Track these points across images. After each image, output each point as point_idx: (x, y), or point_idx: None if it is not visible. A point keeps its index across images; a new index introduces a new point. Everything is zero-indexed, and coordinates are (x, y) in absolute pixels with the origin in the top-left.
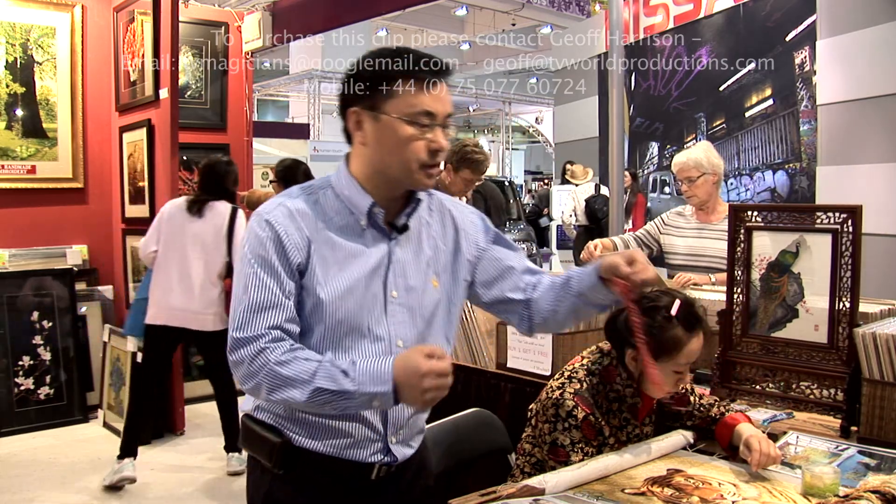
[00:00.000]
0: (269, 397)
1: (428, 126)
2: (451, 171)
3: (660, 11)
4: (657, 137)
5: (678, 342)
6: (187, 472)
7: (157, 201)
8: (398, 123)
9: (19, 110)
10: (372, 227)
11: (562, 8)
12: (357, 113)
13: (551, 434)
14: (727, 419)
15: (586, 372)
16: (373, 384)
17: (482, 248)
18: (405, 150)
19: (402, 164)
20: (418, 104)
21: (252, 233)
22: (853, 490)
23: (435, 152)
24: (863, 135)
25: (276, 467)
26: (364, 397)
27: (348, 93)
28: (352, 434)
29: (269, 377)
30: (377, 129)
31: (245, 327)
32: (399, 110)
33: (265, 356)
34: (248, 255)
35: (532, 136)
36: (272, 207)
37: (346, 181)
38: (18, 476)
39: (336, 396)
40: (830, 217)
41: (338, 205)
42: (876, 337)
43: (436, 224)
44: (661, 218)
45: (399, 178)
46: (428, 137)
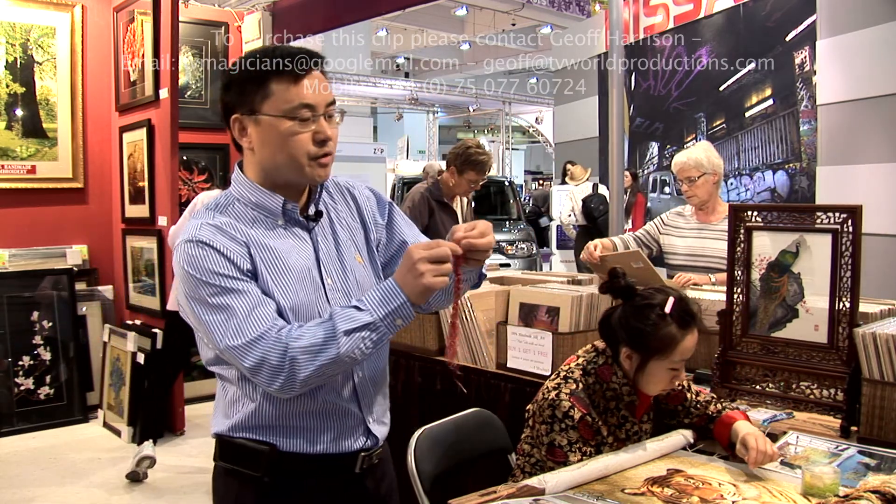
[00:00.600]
0: (303, 375)
1: (310, 118)
2: (455, 172)
3: (660, 11)
4: (657, 137)
5: (672, 339)
6: (187, 472)
7: (157, 201)
8: (277, 121)
9: (19, 110)
10: (290, 223)
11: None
12: (239, 120)
13: (549, 435)
14: (724, 417)
15: (582, 371)
16: (386, 304)
17: (381, 225)
18: (290, 146)
19: (291, 161)
20: (293, 98)
21: (190, 258)
22: (853, 490)
23: (322, 142)
24: (863, 135)
25: (265, 475)
26: (387, 320)
27: (227, 101)
28: (334, 427)
29: (298, 356)
30: (260, 132)
31: (246, 330)
32: (276, 108)
33: (281, 342)
34: (201, 277)
35: (532, 136)
36: (194, 230)
37: (249, 189)
38: (19, 476)
39: (362, 329)
40: (830, 217)
41: (251, 213)
42: (876, 337)
43: (341, 205)
44: (661, 218)
45: (292, 175)
46: (312, 129)
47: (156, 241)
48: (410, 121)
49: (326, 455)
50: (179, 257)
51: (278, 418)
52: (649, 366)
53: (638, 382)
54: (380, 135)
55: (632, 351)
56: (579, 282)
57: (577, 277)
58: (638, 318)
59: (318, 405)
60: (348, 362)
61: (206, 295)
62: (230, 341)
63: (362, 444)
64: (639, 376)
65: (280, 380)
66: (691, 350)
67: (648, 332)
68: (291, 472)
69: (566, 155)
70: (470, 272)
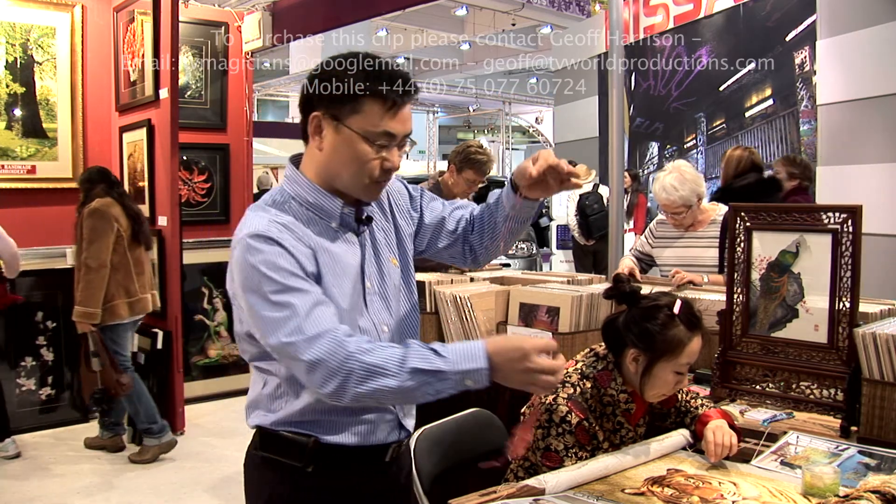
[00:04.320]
0: (358, 390)
1: (386, 146)
2: (454, 171)
3: (660, 11)
4: (657, 137)
5: (680, 342)
6: (187, 472)
7: (157, 201)
8: (357, 139)
9: (19, 110)
10: (342, 227)
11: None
12: (319, 118)
13: (545, 439)
14: (702, 416)
15: (580, 376)
16: (466, 361)
17: (414, 216)
18: (359, 167)
19: (354, 179)
20: (381, 125)
21: (256, 252)
22: (853, 490)
23: (388, 171)
24: (863, 135)
25: (306, 465)
26: (458, 375)
27: (312, 94)
28: (374, 421)
29: (358, 368)
30: (336, 140)
31: (307, 328)
32: (361, 127)
33: (345, 348)
34: (266, 272)
35: (532, 136)
36: (262, 225)
37: (308, 188)
38: (19, 476)
39: (430, 377)
40: (830, 217)
41: (306, 213)
42: (876, 337)
43: (376, 207)
44: (650, 230)
45: (348, 188)
46: (383, 156)
47: (156, 241)
48: None
49: (362, 447)
50: (243, 250)
51: (323, 414)
52: (656, 367)
53: (643, 386)
54: None
55: (639, 352)
56: (579, 282)
57: (577, 277)
58: (647, 319)
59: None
60: (401, 398)
61: (269, 291)
62: (289, 337)
63: (396, 436)
64: (644, 379)
65: (333, 384)
66: (697, 353)
67: (657, 333)
68: (330, 462)
69: (566, 155)
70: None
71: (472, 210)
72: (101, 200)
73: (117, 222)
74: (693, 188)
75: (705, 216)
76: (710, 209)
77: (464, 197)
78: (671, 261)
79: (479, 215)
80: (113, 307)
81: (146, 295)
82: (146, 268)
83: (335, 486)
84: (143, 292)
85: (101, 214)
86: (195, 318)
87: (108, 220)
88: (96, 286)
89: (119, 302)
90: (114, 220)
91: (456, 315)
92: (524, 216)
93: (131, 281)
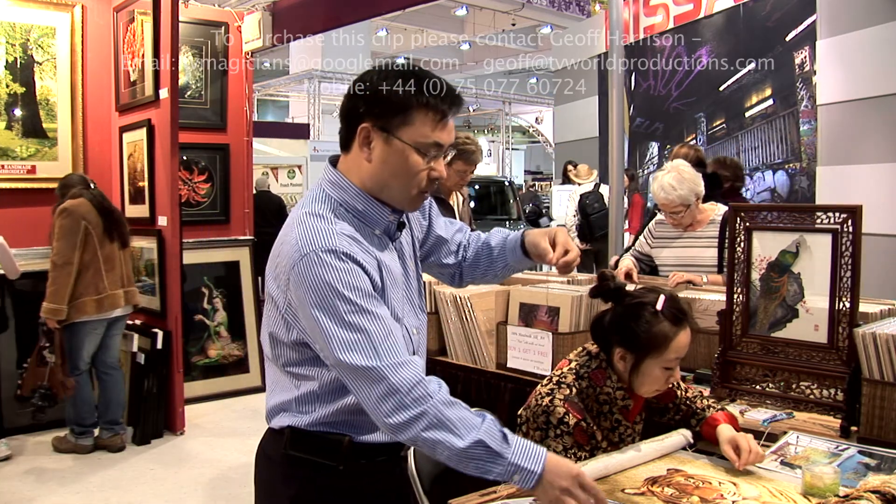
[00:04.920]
0: (423, 434)
1: (435, 156)
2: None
3: (660, 11)
4: (657, 137)
5: (665, 337)
6: (187, 471)
7: (157, 201)
8: (408, 150)
9: (19, 110)
10: (383, 234)
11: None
12: (368, 129)
13: (543, 441)
14: (710, 419)
15: (575, 376)
16: (526, 460)
17: (424, 224)
18: (409, 178)
19: (403, 189)
20: (432, 136)
21: (331, 270)
22: (853, 490)
23: (433, 180)
24: (863, 135)
25: (340, 463)
26: (511, 467)
27: (359, 107)
28: None
29: (432, 414)
30: (386, 151)
31: (386, 353)
32: (412, 139)
33: (425, 388)
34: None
35: (532, 136)
36: (331, 238)
37: (355, 195)
38: (19, 476)
39: (490, 455)
40: (830, 217)
41: (354, 221)
42: (876, 337)
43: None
44: (649, 230)
45: (395, 198)
46: (430, 166)
47: (156, 241)
48: None
49: (388, 444)
50: (313, 264)
51: (353, 415)
52: (644, 365)
53: (633, 383)
54: None
55: (625, 351)
56: (579, 282)
57: (577, 277)
58: (631, 318)
59: None
60: (453, 458)
61: (344, 311)
62: (368, 361)
63: None
64: (633, 377)
65: (400, 418)
66: (685, 348)
67: (642, 331)
68: (361, 459)
69: (566, 155)
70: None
71: (469, 237)
72: (72, 201)
73: (86, 220)
74: (691, 188)
75: (704, 216)
76: (708, 209)
77: (456, 189)
78: (670, 261)
79: (477, 253)
80: (80, 304)
81: (117, 291)
82: (118, 264)
83: (360, 484)
84: (114, 289)
85: (69, 213)
86: (195, 318)
87: (75, 218)
88: (62, 283)
89: (87, 299)
90: (81, 218)
91: (456, 315)
92: (524, 267)
93: (101, 278)
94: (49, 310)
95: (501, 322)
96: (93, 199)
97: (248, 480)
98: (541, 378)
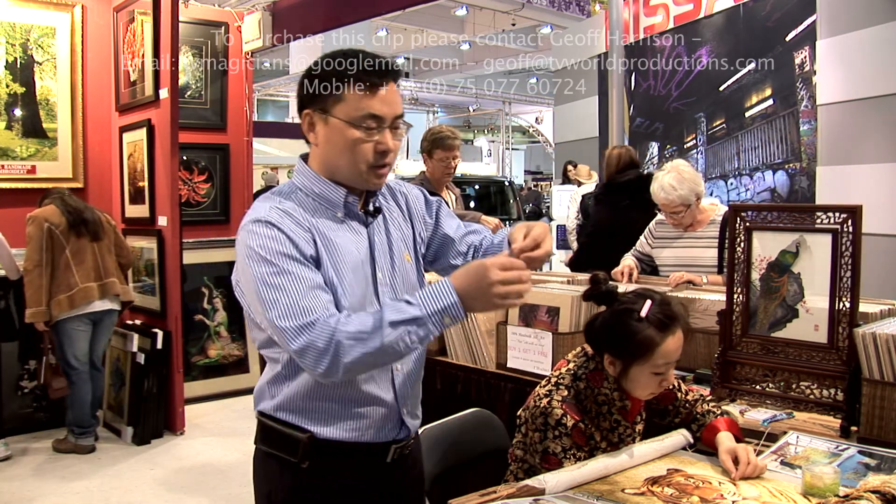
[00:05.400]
0: (346, 361)
1: (376, 129)
2: (427, 158)
3: (660, 11)
4: (657, 137)
5: (651, 343)
6: (187, 471)
7: (157, 201)
8: (345, 127)
9: (19, 110)
10: (348, 216)
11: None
12: (310, 115)
13: (542, 443)
14: (710, 425)
15: (573, 377)
16: (437, 301)
17: (430, 223)
18: (352, 153)
19: (351, 166)
20: (364, 108)
21: (256, 237)
22: (853, 490)
23: (383, 153)
24: (863, 135)
25: (302, 461)
26: (435, 316)
27: (303, 94)
28: (370, 415)
29: (343, 340)
30: (328, 132)
31: (298, 313)
32: (346, 114)
33: (329, 328)
34: (265, 255)
35: (532, 136)
36: (264, 211)
37: (313, 179)
38: (19, 476)
39: (409, 325)
40: (830, 217)
41: (313, 203)
42: (876, 337)
43: (392, 205)
44: (649, 230)
45: (349, 178)
46: (375, 140)
47: (156, 241)
48: (410, 121)
49: (360, 444)
50: (245, 236)
51: (318, 401)
52: (631, 371)
53: (625, 387)
54: None
55: (613, 358)
56: (579, 282)
57: (576, 277)
58: (615, 324)
59: (358, 394)
60: (392, 354)
61: (266, 273)
62: (281, 321)
63: (395, 435)
64: (624, 382)
65: (324, 364)
66: (675, 353)
67: (626, 338)
68: (326, 458)
69: (566, 155)
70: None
71: (483, 238)
72: (39, 209)
73: (48, 222)
74: (692, 187)
75: (704, 216)
76: (709, 209)
77: (445, 180)
78: (670, 261)
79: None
80: (54, 303)
81: (89, 285)
82: (88, 257)
83: (334, 485)
84: (86, 282)
85: (33, 220)
86: (195, 318)
87: (37, 223)
88: (35, 286)
89: (60, 297)
90: (44, 221)
91: None
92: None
93: (71, 274)
94: (30, 314)
95: (501, 322)
96: (59, 202)
97: (247, 480)
98: (541, 378)
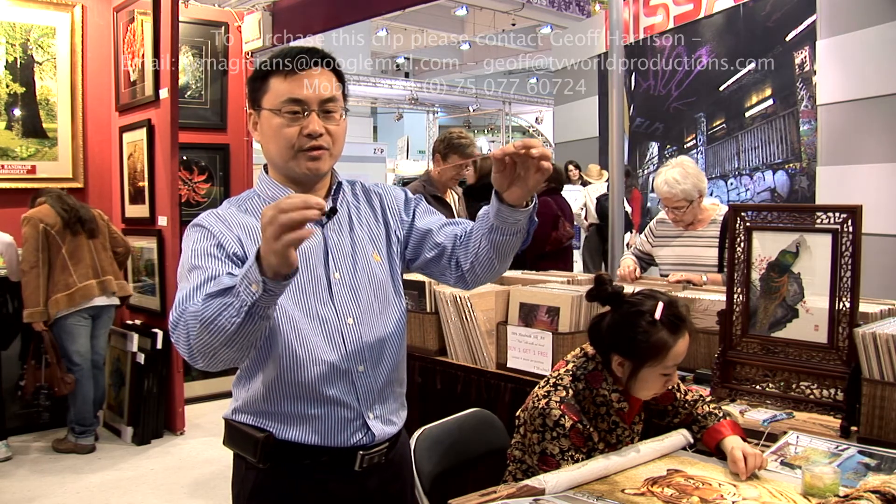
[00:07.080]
0: (192, 343)
1: (300, 113)
2: (440, 160)
3: (660, 11)
4: (657, 137)
5: (664, 346)
6: (187, 472)
7: (157, 201)
8: (270, 115)
9: (19, 110)
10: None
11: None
12: (250, 114)
13: (540, 444)
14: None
15: (572, 378)
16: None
17: (406, 221)
18: (278, 139)
19: (282, 153)
20: (284, 93)
21: (186, 238)
22: (853, 490)
23: (310, 136)
24: (863, 135)
25: (260, 461)
26: (242, 284)
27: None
28: (329, 417)
29: (189, 320)
30: (261, 125)
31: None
32: (270, 102)
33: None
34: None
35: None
36: (202, 216)
37: (266, 184)
38: (19, 476)
39: (224, 296)
40: (830, 217)
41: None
42: (876, 337)
43: (364, 206)
44: (650, 228)
45: (284, 168)
46: (300, 124)
47: (156, 241)
48: (410, 121)
49: (322, 447)
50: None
51: (275, 404)
52: (642, 372)
53: (630, 388)
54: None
55: (623, 359)
56: (579, 282)
57: (576, 277)
58: (628, 327)
59: (315, 394)
60: (221, 331)
61: (185, 268)
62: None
63: (358, 439)
64: (631, 383)
65: (183, 348)
66: (683, 354)
67: (640, 340)
68: (288, 461)
69: (566, 155)
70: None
71: (466, 227)
72: (33, 209)
73: (43, 222)
74: (695, 182)
75: (705, 216)
76: (710, 209)
77: (452, 184)
78: (671, 260)
79: (470, 230)
80: (52, 301)
81: (88, 283)
82: (86, 255)
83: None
84: (85, 280)
85: (27, 221)
86: None
87: (32, 224)
88: (32, 286)
89: (59, 296)
90: (39, 221)
91: (456, 315)
92: (510, 227)
93: (69, 273)
94: (28, 314)
95: (501, 322)
96: (53, 201)
97: None
98: (541, 378)
